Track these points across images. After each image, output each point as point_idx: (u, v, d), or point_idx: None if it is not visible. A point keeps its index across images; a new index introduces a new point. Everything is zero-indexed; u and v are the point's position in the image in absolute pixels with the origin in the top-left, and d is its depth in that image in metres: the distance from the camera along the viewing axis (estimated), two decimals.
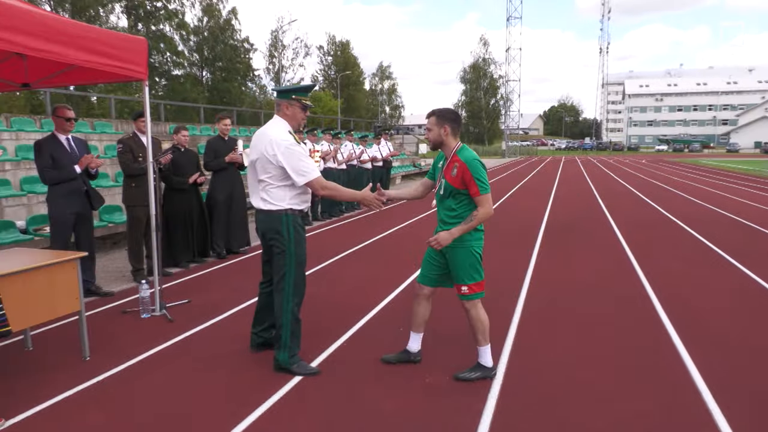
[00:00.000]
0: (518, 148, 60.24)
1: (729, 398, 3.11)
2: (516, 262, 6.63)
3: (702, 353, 3.78)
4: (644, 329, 4.31)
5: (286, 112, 3.52)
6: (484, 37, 77.05)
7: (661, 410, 3.01)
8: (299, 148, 3.44)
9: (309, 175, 3.41)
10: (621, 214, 11.27)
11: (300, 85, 3.65)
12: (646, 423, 2.87)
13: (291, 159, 3.37)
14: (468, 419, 2.92)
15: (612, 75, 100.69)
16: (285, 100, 3.51)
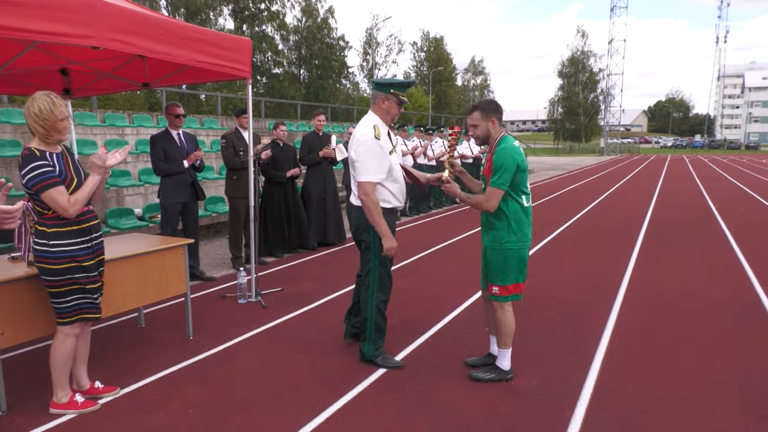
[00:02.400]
0: (618, 146, 56.81)
1: None
2: (613, 266, 6.28)
3: None
4: (757, 344, 3.92)
5: (382, 106, 3.46)
6: (581, 29, 73.08)
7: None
8: (376, 144, 3.33)
9: (364, 175, 3.33)
10: (736, 218, 10.29)
11: (400, 80, 3.63)
12: None
13: (360, 151, 3.34)
14: (553, 426, 2.82)
15: (730, 66, 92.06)
16: (383, 93, 3.44)
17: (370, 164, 3.33)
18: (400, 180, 3.53)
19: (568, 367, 3.53)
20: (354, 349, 3.78)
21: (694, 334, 4.16)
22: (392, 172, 3.43)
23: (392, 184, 3.46)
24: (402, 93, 3.48)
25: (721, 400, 3.10)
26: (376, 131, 3.36)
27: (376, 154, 3.33)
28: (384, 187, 3.41)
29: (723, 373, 3.47)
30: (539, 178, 20.72)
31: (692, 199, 13.72)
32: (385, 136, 3.45)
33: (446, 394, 3.18)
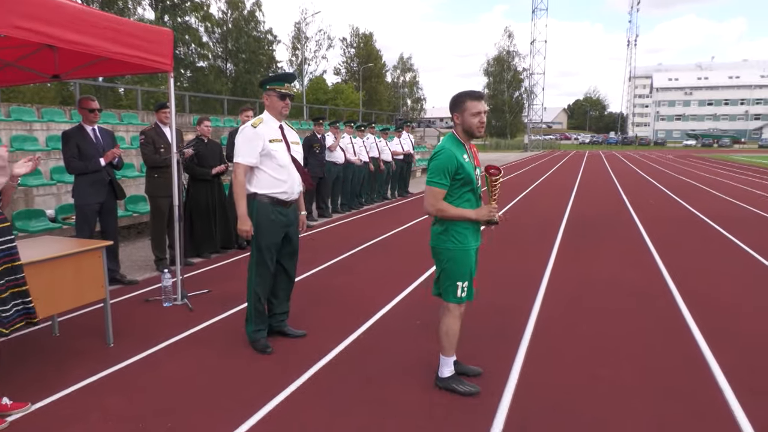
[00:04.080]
0: (541, 142, 59.44)
1: (752, 399, 3.05)
2: (535, 259, 6.57)
3: (725, 352, 3.70)
4: (666, 327, 4.24)
5: (266, 103, 3.72)
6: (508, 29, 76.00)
7: (681, 409, 2.96)
8: (251, 130, 3.60)
9: (236, 157, 3.63)
10: (646, 210, 11.07)
11: (273, 75, 3.83)
12: (665, 422, 2.83)
13: (238, 139, 3.66)
14: (483, 413, 2.92)
15: (640, 68, 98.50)
16: (264, 92, 3.71)
17: (241, 148, 3.62)
18: (286, 169, 3.69)
19: (496, 358, 3.66)
20: (286, 348, 3.74)
21: (611, 321, 4.44)
22: (273, 159, 3.62)
23: (274, 171, 3.64)
24: (279, 86, 3.68)
25: (634, 381, 3.32)
26: (256, 121, 3.65)
27: (249, 139, 3.60)
28: (266, 173, 3.63)
29: (635, 356, 3.72)
30: None
31: (608, 193, 14.61)
32: (270, 128, 3.67)
33: (381, 388, 3.20)
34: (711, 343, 3.91)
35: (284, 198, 3.71)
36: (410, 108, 74.72)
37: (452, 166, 2.96)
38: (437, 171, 2.96)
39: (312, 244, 7.34)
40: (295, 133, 3.90)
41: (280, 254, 3.82)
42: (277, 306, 3.95)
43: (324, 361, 3.57)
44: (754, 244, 7.49)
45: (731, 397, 3.10)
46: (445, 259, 3.05)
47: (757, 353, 3.73)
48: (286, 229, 3.79)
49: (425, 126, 49.16)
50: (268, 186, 3.66)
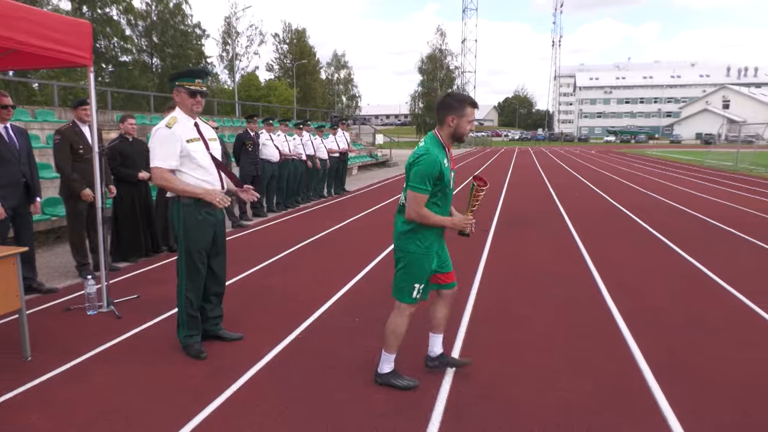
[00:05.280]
0: (473, 139, 61.04)
1: (669, 376, 3.28)
2: (470, 252, 6.75)
3: (644, 334, 3.96)
4: (591, 314, 4.47)
5: (177, 99, 3.55)
6: (441, 28, 77.36)
7: (605, 390, 3.14)
8: (166, 131, 3.41)
9: (153, 161, 3.43)
10: (571, 203, 11.63)
11: (184, 69, 3.66)
12: (590, 403, 2.99)
13: (153, 141, 3.44)
14: (423, 404, 2.97)
15: (564, 68, 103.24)
16: (174, 88, 3.53)
17: (158, 151, 3.42)
18: (207, 169, 3.55)
19: None
20: (219, 353, 3.64)
21: (542, 309, 4.63)
22: (193, 159, 3.47)
23: (195, 172, 3.50)
24: (189, 83, 3.49)
25: (563, 366, 3.49)
26: (170, 121, 3.45)
27: (165, 141, 3.41)
28: (187, 175, 3.47)
29: (563, 342, 3.90)
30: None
31: (536, 187, 15.24)
32: (185, 127, 3.50)
33: (320, 388, 3.18)
34: (631, 327, 4.16)
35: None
36: (345, 105, 74.58)
37: (436, 171, 2.87)
38: (421, 177, 2.85)
39: (247, 245, 7.18)
40: (210, 128, 3.73)
41: (207, 256, 3.67)
42: (210, 310, 3.82)
43: (261, 364, 3.51)
44: (666, 232, 8.05)
45: (650, 377, 3.32)
46: (405, 261, 3.01)
47: (673, 334, 4.02)
48: (214, 229, 3.64)
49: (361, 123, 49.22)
50: (192, 184, 3.49)
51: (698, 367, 3.45)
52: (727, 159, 27.36)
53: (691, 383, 3.23)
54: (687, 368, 3.43)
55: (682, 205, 11.17)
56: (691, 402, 3.01)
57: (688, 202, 11.80)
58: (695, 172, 21.11)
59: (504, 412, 2.92)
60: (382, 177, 18.45)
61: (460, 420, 2.84)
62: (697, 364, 3.51)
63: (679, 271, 5.90)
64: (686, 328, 4.13)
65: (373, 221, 9.23)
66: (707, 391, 3.13)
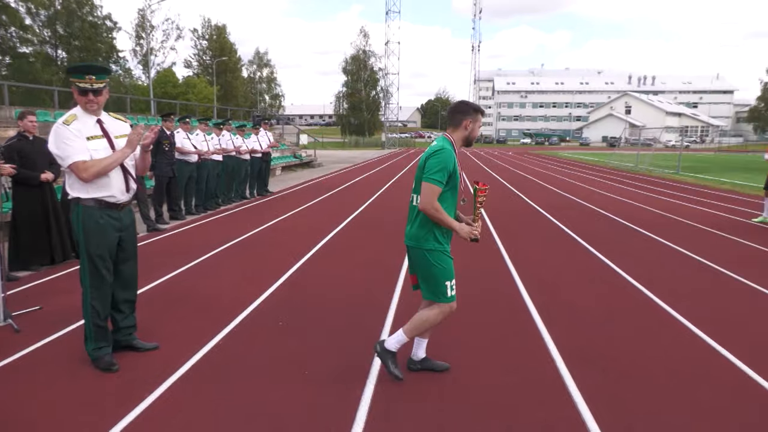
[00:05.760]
0: (397, 140, 61.84)
1: (581, 367, 3.49)
2: (394, 253, 6.83)
3: (558, 328, 4.18)
4: (509, 309, 4.67)
5: (74, 95, 3.33)
6: (364, 29, 77.58)
7: (523, 382, 3.28)
8: (63, 128, 3.19)
9: (68, 159, 3.19)
10: (490, 202, 12.08)
11: (75, 64, 3.42)
12: (510, 395, 3.12)
13: (55, 140, 3.21)
14: (348, 404, 2.96)
15: (483, 72, 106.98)
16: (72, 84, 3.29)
17: (66, 148, 3.18)
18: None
19: (358, 350, 3.73)
20: (131, 364, 3.45)
21: (463, 307, 4.75)
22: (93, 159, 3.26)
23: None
24: (78, 79, 3.25)
25: (481, 361, 3.61)
26: (69, 118, 3.25)
27: (66, 138, 3.19)
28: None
29: (483, 338, 4.04)
30: (329, 171, 21.42)
31: None
32: (85, 124, 3.29)
33: (242, 394, 3.09)
34: (546, 321, 4.38)
35: (113, 201, 3.34)
36: (269, 105, 73.14)
37: (450, 167, 2.97)
38: (438, 168, 2.93)
39: (164, 249, 6.86)
40: (123, 123, 3.49)
41: (115, 263, 3.46)
42: (122, 320, 3.61)
43: (179, 374, 3.35)
44: (578, 230, 8.56)
45: (563, 368, 3.51)
46: (427, 262, 3.06)
47: (585, 327, 4.27)
48: (120, 234, 3.42)
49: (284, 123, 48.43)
50: (91, 189, 3.25)
51: (610, 359, 3.69)
52: (629, 160, 29.57)
53: (603, 373, 3.44)
54: (599, 359, 3.66)
55: (591, 204, 11.92)
56: (603, 391, 3.21)
57: (597, 200, 12.62)
58: (601, 172, 22.62)
59: (429, 412, 2.97)
60: (306, 178, 18.27)
61: (385, 420, 2.87)
62: (608, 355, 3.75)
63: (589, 267, 6.29)
64: (597, 321, 4.41)
65: (297, 222, 9.11)
66: (617, 381, 3.36)
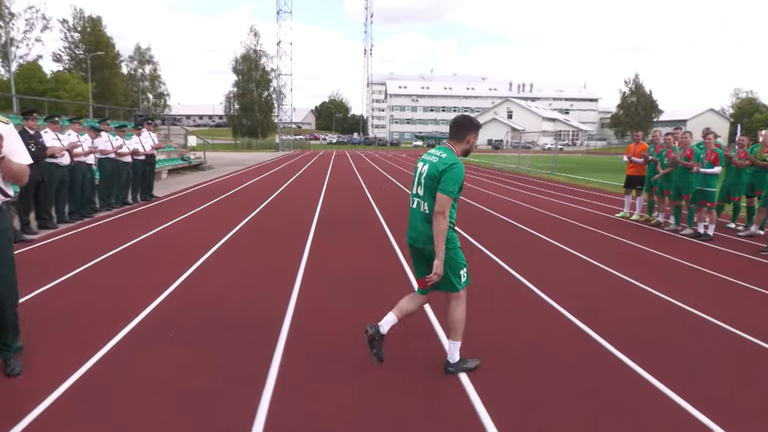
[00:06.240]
0: (292, 142, 61.15)
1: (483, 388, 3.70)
2: (289, 256, 6.76)
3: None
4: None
5: None
6: (254, 28, 75.80)
7: (416, 378, 3.41)
8: None
9: None
10: (384, 203, 12.35)
11: None
12: (403, 391, 3.23)
13: None
14: (238, 423, 2.90)
15: (376, 75, 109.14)
16: None
17: None
18: None
19: (254, 358, 3.66)
20: (8, 382, 3.10)
21: (362, 308, 4.84)
22: None
23: None
24: None
25: (384, 362, 3.70)
26: None
27: None
28: None
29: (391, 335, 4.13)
30: (221, 174, 20.63)
31: (353, 189, 15.85)
32: None
33: (130, 411, 2.90)
34: (441, 318, 4.58)
35: None
36: (152, 104, 68.88)
37: (462, 178, 3.26)
38: (455, 181, 3.20)
39: (34, 261, 6.21)
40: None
41: None
42: None
43: (51, 399, 3.06)
44: (467, 228, 9.03)
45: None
46: (447, 257, 3.29)
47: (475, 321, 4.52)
48: None
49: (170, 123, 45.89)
50: None
51: (499, 350, 3.94)
52: (511, 162, 31.71)
53: (492, 362, 3.67)
54: (486, 349, 3.89)
55: (479, 204, 12.62)
56: (493, 379, 3.43)
57: (484, 200, 13.39)
58: (487, 173, 24.03)
59: (328, 421, 2.99)
60: (196, 181, 17.44)
61: (284, 428, 2.84)
62: (497, 347, 4.00)
63: (477, 262, 6.66)
64: (487, 315, 4.68)
65: (186, 228, 8.69)
66: (507, 369, 3.60)
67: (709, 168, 8.19)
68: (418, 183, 3.40)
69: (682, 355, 3.85)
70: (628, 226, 9.67)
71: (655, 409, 3.09)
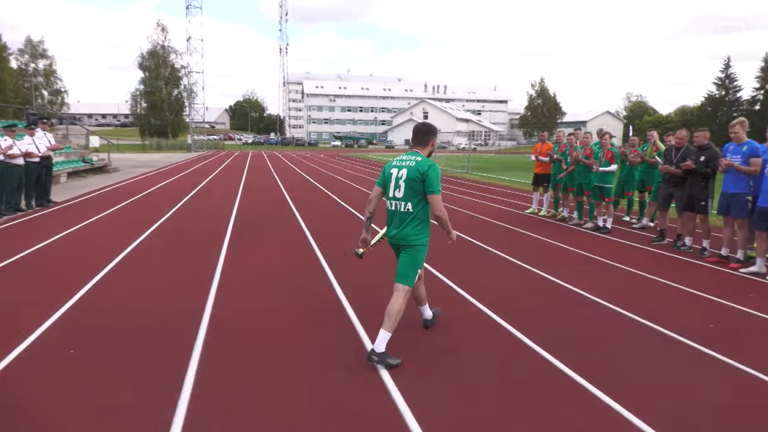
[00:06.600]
0: (205, 143, 58.86)
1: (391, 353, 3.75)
2: (205, 262, 6.52)
3: (368, 317, 4.42)
4: (324, 305, 4.80)
5: None
6: (161, 23, 71.97)
7: (341, 373, 3.42)
8: None
9: None
10: (303, 204, 12.23)
11: None
12: (332, 391, 3.23)
13: None
14: (160, 425, 2.76)
15: (292, 75, 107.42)
16: None
17: None
18: None
19: (166, 368, 3.49)
20: None
21: (279, 307, 4.76)
22: None
23: None
24: None
25: (300, 362, 3.66)
26: None
27: None
28: None
29: (301, 336, 4.09)
30: (128, 176, 19.47)
31: (271, 189, 15.55)
32: None
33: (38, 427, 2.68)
34: (357, 311, 4.61)
35: None
36: (48, 101, 63.61)
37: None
38: (438, 179, 3.60)
39: None
40: None
41: None
42: None
43: None
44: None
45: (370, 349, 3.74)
46: (416, 253, 3.69)
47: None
48: None
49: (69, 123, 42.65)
50: None
51: (412, 341, 4.02)
52: None
53: (406, 358, 3.74)
54: (401, 342, 3.97)
55: None
56: (409, 372, 3.50)
57: None
58: None
59: (250, 421, 2.92)
60: (100, 184, 16.33)
61: None
62: (416, 341, 4.08)
63: None
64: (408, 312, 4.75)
65: (89, 235, 8.11)
66: (426, 362, 3.69)
67: (606, 166, 8.84)
68: (395, 187, 3.70)
69: (587, 343, 4.14)
70: (536, 221, 10.23)
71: (569, 397, 3.29)
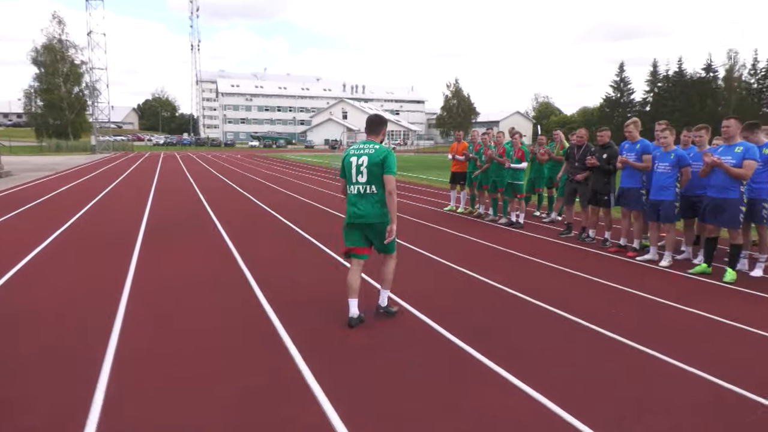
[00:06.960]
0: (111, 144, 55.37)
1: (311, 354, 3.73)
2: (114, 267, 6.15)
3: (290, 319, 4.38)
4: (244, 309, 4.69)
5: None
6: (58, 15, 66.81)
7: (268, 381, 3.36)
8: None
9: None
10: (220, 206, 11.84)
11: None
12: (258, 395, 3.16)
13: None
14: None
15: (206, 73, 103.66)
16: None
17: None
18: None
19: (70, 390, 3.25)
20: None
21: (196, 314, 4.59)
22: None
23: None
24: None
25: (218, 366, 3.56)
26: None
27: None
28: None
29: (217, 343, 3.98)
30: (22, 181, 17.90)
31: (185, 192, 14.92)
32: None
33: None
34: (280, 315, 4.55)
35: None
36: None
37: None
38: (395, 164, 4.13)
39: None
40: None
41: None
42: None
43: None
44: (303, 227, 9.07)
45: (299, 358, 3.71)
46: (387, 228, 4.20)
47: (313, 316, 4.58)
48: None
49: None
50: None
51: (336, 340, 4.04)
52: None
53: (330, 358, 3.75)
54: (323, 344, 3.97)
55: (317, 203, 12.75)
56: (330, 371, 3.51)
57: (321, 199, 13.55)
58: (324, 173, 24.34)
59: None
60: None
61: None
62: (331, 337, 4.09)
63: (319, 259, 6.73)
64: (326, 309, 4.76)
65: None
66: (341, 359, 3.71)
67: (517, 164, 9.30)
68: (357, 173, 4.15)
69: (502, 332, 4.34)
70: (454, 218, 10.56)
71: (486, 384, 3.44)
